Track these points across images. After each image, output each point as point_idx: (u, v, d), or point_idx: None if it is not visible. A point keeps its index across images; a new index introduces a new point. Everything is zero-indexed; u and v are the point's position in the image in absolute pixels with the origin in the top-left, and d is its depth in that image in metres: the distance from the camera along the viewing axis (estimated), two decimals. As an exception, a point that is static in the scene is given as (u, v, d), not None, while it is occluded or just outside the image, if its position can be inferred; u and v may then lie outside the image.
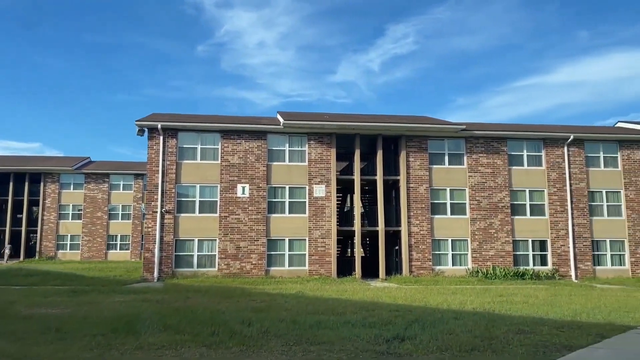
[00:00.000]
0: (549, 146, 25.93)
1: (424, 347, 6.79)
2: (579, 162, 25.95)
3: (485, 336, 7.53)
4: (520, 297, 14.41)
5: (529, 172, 25.75)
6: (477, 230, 24.87)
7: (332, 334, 7.69)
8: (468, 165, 25.39)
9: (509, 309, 11.51)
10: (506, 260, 24.67)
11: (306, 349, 6.71)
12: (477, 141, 25.59)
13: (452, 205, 25.16)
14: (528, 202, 25.62)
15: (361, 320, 9.18)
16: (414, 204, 24.68)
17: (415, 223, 24.51)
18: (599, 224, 25.69)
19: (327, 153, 24.40)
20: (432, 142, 25.44)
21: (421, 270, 24.03)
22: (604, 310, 11.53)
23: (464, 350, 6.57)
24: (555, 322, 9.19)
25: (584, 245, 25.34)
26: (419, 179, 24.92)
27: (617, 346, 6.98)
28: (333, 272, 23.26)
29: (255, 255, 23.11)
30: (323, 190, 23.98)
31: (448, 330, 7.99)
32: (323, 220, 23.80)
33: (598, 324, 9.25)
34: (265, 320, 9.12)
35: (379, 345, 6.98)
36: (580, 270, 25.01)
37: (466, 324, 8.76)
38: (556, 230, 25.32)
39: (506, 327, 8.40)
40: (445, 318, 9.52)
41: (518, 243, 25.20)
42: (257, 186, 23.67)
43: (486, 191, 25.25)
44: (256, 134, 24.08)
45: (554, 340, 7.27)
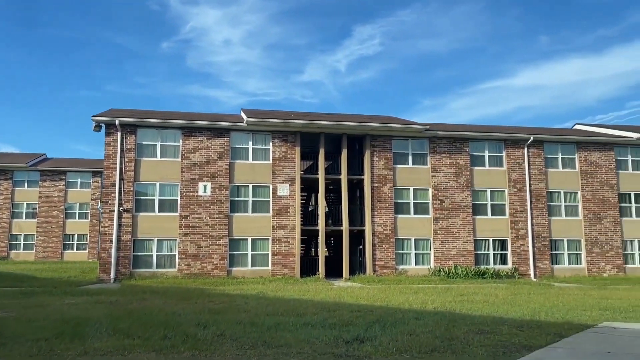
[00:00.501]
0: (510, 147, 26.39)
1: (384, 348, 6.62)
2: (538, 163, 26.51)
3: (445, 337, 7.43)
4: (481, 296, 14.49)
5: (490, 173, 26.14)
6: (440, 230, 25.07)
7: (290, 337, 7.44)
8: (431, 165, 25.57)
9: (470, 308, 11.51)
10: (468, 260, 24.96)
11: (262, 352, 6.44)
12: (440, 142, 25.80)
13: (415, 205, 25.29)
14: (489, 202, 26.00)
15: (321, 322, 8.97)
16: (378, 204, 24.68)
17: (379, 222, 24.51)
18: (557, 224, 26.30)
19: (292, 152, 24.12)
20: (396, 142, 25.52)
21: (385, 269, 24.04)
22: (562, 309, 11.67)
23: (424, 352, 6.43)
24: (515, 321, 9.20)
25: (542, 245, 25.89)
26: (383, 178, 24.94)
27: (575, 345, 6.98)
28: (296, 272, 23.01)
29: (216, 256, 22.62)
30: (287, 189, 23.69)
31: (408, 331, 7.86)
32: (287, 219, 23.51)
33: (556, 323, 9.32)
34: (222, 323, 8.79)
35: (337, 347, 6.78)
36: (539, 269, 25.55)
37: (427, 324, 8.66)
38: (516, 229, 25.78)
39: (467, 327, 8.34)
40: (407, 318, 9.41)
41: (479, 242, 25.54)
42: (219, 185, 23.18)
43: (449, 191, 25.49)
44: (219, 132, 23.59)
45: (514, 340, 7.23)
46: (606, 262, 26.28)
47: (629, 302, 13.68)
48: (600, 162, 27.04)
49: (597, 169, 26.96)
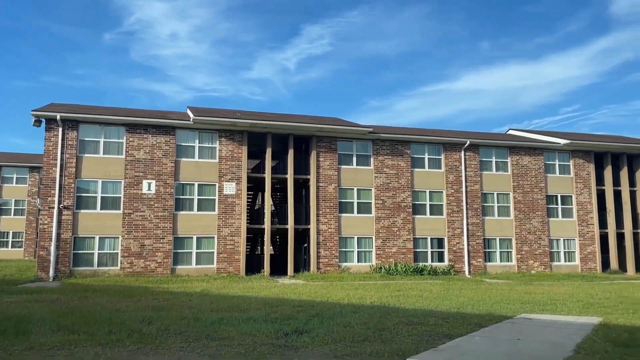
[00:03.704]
0: (448, 150, 27.71)
1: (320, 339, 7.17)
2: (474, 166, 27.97)
3: (377, 327, 8.07)
4: (416, 292, 15.38)
5: (430, 174, 27.35)
6: (382, 229, 26.02)
7: (233, 330, 7.85)
8: (374, 166, 26.47)
9: (404, 302, 12.29)
10: (407, 257, 26.05)
11: (205, 344, 6.82)
12: (384, 144, 26.75)
13: (358, 205, 26.12)
14: (428, 202, 27.21)
15: (263, 316, 9.41)
16: (323, 203, 25.32)
17: (323, 221, 25.15)
18: (490, 224, 27.87)
19: (239, 150, 24.34)
20: (342, 143, 26.24)
21: (328, 267, 24.71)
22: (487, 303, 12.65)
23: (357, 341, 7.02)
24: (442, 313, 10.00)
25: (476, 243, 27.38)
26: (329, 178, 25.60)
27: (491, 334, 7.79)
28: (242, 270, 23.27)
29: (160, 254, 22.53)
30: (233, 187, 23.90)
31: (345, 323, 8.45)
32: (233, 218, 23.72)
33: (480, 314, 10.19)
34: (166, 319, 9.07)
35: (278, 339, 7.25)
36: (473, 266, 27.01)
37: (362, 317, 9.30)
38: (452, 228, 27.13)
39: (398, 319, 9.04)
40: (344, 312, 10.01)
41: (418, 241, 26.70)
42: (164, 182, 23.08)
43: (390, 191, 26.48)
44: (164, 129, 23.46)
45: (438, 330, 7.97)
46: (534, 259, 28.11)
47: (549, 296, 14.93)
48: (531, 166, 28.86)
49: (528, 172, 28.76)
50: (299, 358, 6.04)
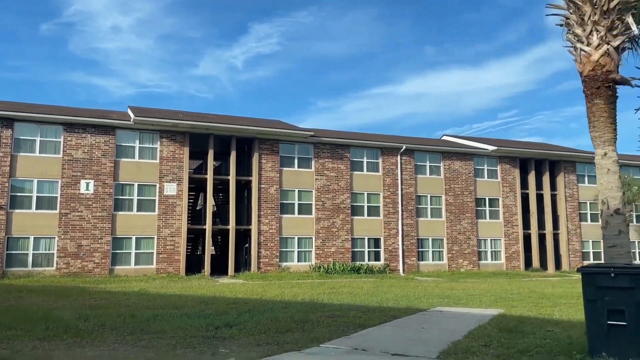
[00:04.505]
0: (385, 154, 29.01)
1: (247, 331, 7.86)
2: (409, 170, 29.43)
3: (302, 320, 8.86)
4: (348, 289, 16.32)
5: (368, 177, 28.56)
6: (321, 229, 26.94)
7: (166, 325, 8.40)
8: (315, 168, 27.36)
9: (335, 298, 13.16)
10: (345, 257, 27.11)
11: (139, 337, 7.36)
12: (324, 147, 27.69)
13: (299, 206, 26.93)
14: (366, 204, 28.41)
15: (198, 313, 9.98)
16: (264, 204, 25.93)
17: (265, 222, 25.77)
18: (424, 224, 29.42)
19: (180, 151, 24.55)
20: (284, 146, 26.96)
21: (269, 266, 25.36)
22: (410, 298, 13.73)
23: (280, 332, 7.77)
24: (364, 308, 10.93)
25: (410, 243, 28.83)
26: (270, 180, 26.24)
27: (401, 323, 8.76)
28: (182, 270, 23.52)
29: (98, 254, 22.43)
30: (174, 188, 24.09)
31: (273, 317, 9.18)
32: (173, 218, 23.92)
33: (399, 308, 11.19)
34: (102, 316, 9.46)
35: (208, 331, 7.88)
36: (407, 264, 28.43)
37: (291, 312, 10.06)
38: (388, 229, 28.45)
39: (322, 312, 9.87)
40: (275, 308, 10.74)
41: (356, 241, 27.83)
42: (103, 182, 22.97)
43: (330, 193, 27.46)
44: (104, 129, 23.35)
45: (356, 321, 8.85)
46: (464, 258, 29.90)
47: (468, 292, 16.25)
48: (462, 170, 30.66)
49: (459, 176, 30.54)
50: (224, 347, 6.71)
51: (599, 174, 6.45)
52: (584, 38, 6.52)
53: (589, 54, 6.42)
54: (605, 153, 6.35)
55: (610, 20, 6.34)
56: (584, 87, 6.49)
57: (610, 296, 5.51)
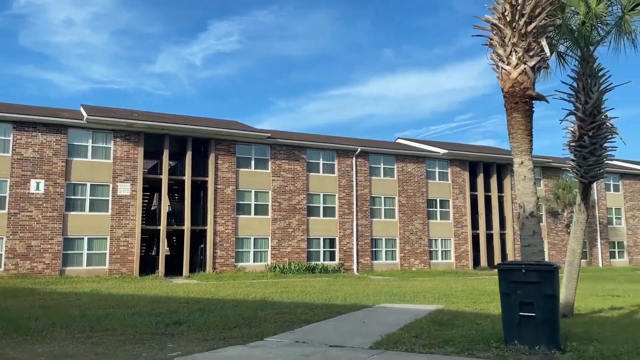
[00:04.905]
0: (341, 156, 29.68)
1: (196, 327, 8.21)
2: (364, 172, 30.20)
3: (250, 317, 9.26)
4: (301, 288, 16.79)
5: (324, 179, 29.14)
6: (277, 229, 27.33)
7: (117, 323, 8.63)
8: (272, 169, 27.72)
9: (286, 297, 13.60)
10: (301, 257, 27.59)
11: (89, 335, 7.58)
12: (281, 148, 28.09)
13: (256, 206, 27.23)
14: (322, 205, 28.99)
15: (149, 312, 10.22)
16: (220, 204, 26.09)
17: (221, 222, 25.93)
18: (378, 225, 30.26)
19: (135, 151, 24.41)
20: (240, 147, 27.19)
21: (224, 267, 25.54)
22: (359, 296, 14.31)
23: (228, 328, 8.15)
24: (312, 305, 11.42)
25: (365, 243, 29.61)
26: (227, 180, 26.43)
27: (344, 319, 9.29)
28: (135, 270, 23.41)
29: (49, 255, 22.07)
30: (128, 188, 23.94)
31: (223, 315, 9.54)
32: (127, 218, 23.77)
33: (346, 305, 11.74)
34: (53, 316, 9.57)
35: (158, 329, 8.17)
36: (361, 264, 29.18)
37: (241, 310, 10.44)
38: (343, 229, 29.12)
39: (271, 310, 10.30)
40: (226, 306, 11.09)
41: (312, 241, 28.36)
42: (54, 182, 22.60)
43: (287, 194, 27.88)
44: (55, 127, 22.97)
45: (302, 317, 9.32)
46: (415, 257, 30.92)
47: (415, 290, 16.99)
48: (414, 173, 31.68)
49: (411, 178, 31.55)
50: (172, 342, 7.04)
51: (517, 181, 7.15)
52: (504, 58, 7.22)
53: (509, 72, 7.11)
54: (522, 162, 7.06)
55: (527, 42, 7.06)
56: (505, 102, 7.19)
57: (522, 290, 6.19)
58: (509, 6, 7.04)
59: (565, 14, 9.86)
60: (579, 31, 9.94)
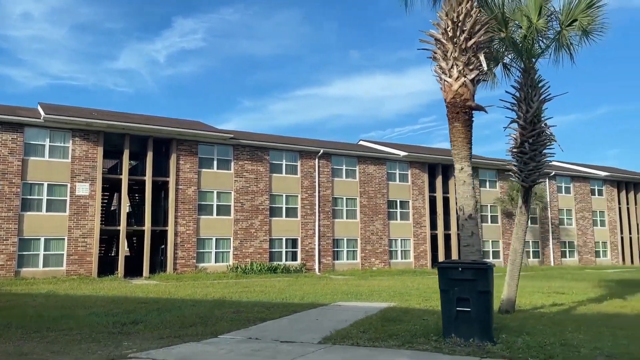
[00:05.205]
0: (304, 158, 30.04)
1: (152, 326, 8.40)
2: (326, 173, 30.65)
3: (207, 316, 9.50)
4: (261, 288, 17.06)
5: (287, 179, 29.43)
6: (240, 230, 27.46)
7: (73, 323, 8.72)
8: (235, 170, 27.83)
9: (245, 297, 13.84)
10: (263, 257, 27.80)
11: (45, 335, 7.68)
12: (244, 149, 28.23)
13: (218, 207, 27.28)
14: (284, 206, 29.28)
15: (106, 312, 10.30)
16: (182, 205, 26.03)
17: (182, 223, 25.88)
18: (339, 225, 30.76)
19: (94, 151, 24.11)
20: (203, 147, 27.18)
21: (185, 267, 25.51)
22: (317, 295, 14.69)
23: (184, 327, 8.38)
24: (270, 304, 11.72)
25: (326, 243, 30.05)
26: (189, 181, 26.39)
27: (299, 317, 9.65)
28: (94, 271, 23.14)
29: (3, 256, 21.59)
30: (87, 188, 23.64)
31: (180, 314, 9.74)
32: (85, 219, 23.46)
33: (303, 304, 12.09)
34: (8, 317, 9.55)
35: (115, 328, 8.32)
36: (323, 264, 29.61)
37: (198, 309, 10.65)
38: (306, 230, 29.49)
39: (228, 309, 10.55)
40: (184, 306, 11.27)
41: (274, 241, 28.60)
42: (9, 182, 22.12)
43: (249, 195, 28.04)
44: (11, 126, 22.48)
45: (258, 315, 9.62)
46: (376, 257, 31.57)
47: (373, 288, 17.50)
48: (375, 174, 32.34)
49: (373, 180, 32.20)
50: (128, 340, 7.23)
51: (457, 185, 7.67)
52: (447, 70, 7.73)
53: (451, 84, 7.63)
54: (462, 168, 7.59)
55: (467, 56, 7.59)
56: (447, 112, 7.70)
57: (459, 287, 6.68)
58: (451, 23, 7.56)
59: (509, 28, 10.50)
60: (522, 44, 10.59)
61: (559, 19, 10.33)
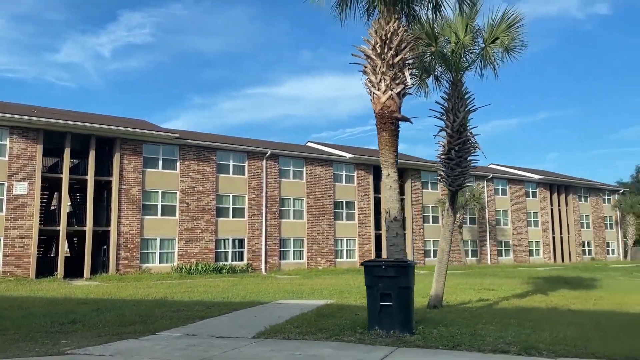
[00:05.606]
0: (251, 158, 30.29)
1: (92, 325, 8.56)
2: (274, 174, 31.03)
3: (147, 315, 9.72)
4: (204, 288, 17.25)
5: (234, 180, 29.60)
6: (185, 230, 27.39)
7: (9, 324, 8.73)
8: (180, 170, 27.73)
9: (187, 296, 14.04)
10: (209, 257, 27.85)
11: (-22, 336, 7.72)
12: (190, 149, 28.17)
13: (163, 207, 27.11)
14: (231, 206, 29.43)
15: (45, 312, 10.30)
16: (125, 205, 25.71)
17: (125, 223, 25.56)
18: (286, 225, 31.20)
19: (33, 149, 23.48)
20: (148, 147, 26.93)
21: (128, 268, 25.22)
22: (260, 294, 15.07)
23: (123, 325, 8.59)
24: (211, 303, 12.02)
25: (273, 243, 30.43)
26: (132, 180, 26.09)
27: (238, 314, 10.03)
28: (32, 273, 22.55)
29: None
30: (25, 187, 22.99)
31: (120, 314, 9.90)
32: (23, 219, 22.82)
33: (244, 302, 12.45)
34: (-62, 320, 9.41)
35: (53, 328, 8.41)
36: (269, 264, 29.97)
37: (139, 308, 10.82)
38: (252, 230, 29.75)
39: (169, 308, 10.78)
40: (125, 306, 11.39)
41: (220, 241, 28.70)
42: (-60, 180, 21.22)
43: (195, 195, 28.02)
44: (-57, 122, 21.57)
45: (198, 314, 9.93)
46: (322, 257, 32.23)
47: (315, 287, 18.04)
48: (322, 175, 33.00)
49: (319, 181, 32.85)
50: (66, 339, 7.40)
51: (383, 189, 8.30)
52: (375, 84, 8.35)
53: (379, 97, 8.25)
54: (389, 174, 8.23)
55: (394, 72, 8.24)
56: (376, 122, 8.32)
57: (382, 283, 7.29)
58: (380, 40, 8.18)
59: (439, 43, 11.29)
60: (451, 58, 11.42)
61: (483, 37, 11.22)
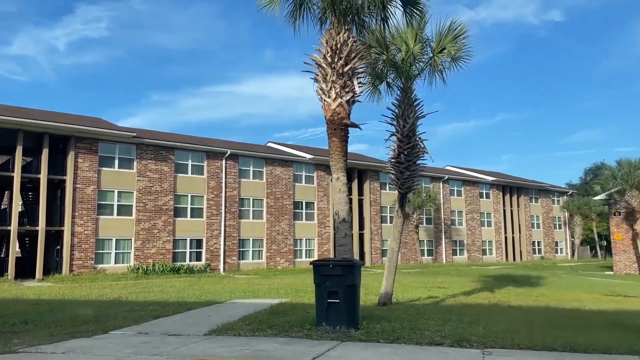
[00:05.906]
0: (211, 158, 30.26)
1: (44, 325, 8.58)
2: (233, 174, 31.09)
3: (100, 315, 9.78)
4: (160, 288, 17.25)
5: (192, 180, 29.49)
6: (142, 230, 27.13)
7: (-43, 326, 8.66)
8: (137, 170, 27.45)
9: (142, 297, 14.08)
10: (166, 257, 27.69)
11: None
12: (148, 148, 27.91)
13: (119, 207, 26.78)
14: (189, 206, 29.32)
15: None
16: (80, 204, 25.28)
17: (79, 223, 25.13)
18: (246, 225, 31.32)
19: (-18, 147, 22.78)
20: (104, 145, 26.55)
21: (82, 268, 24.81)
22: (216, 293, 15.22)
23: (76, 325, 8.64)
24: (165, 303, 12.13)
25: (232, 243, 30.49)
26: (87, 180, 25.67)
27: (191, 314, 10.22)
28: (-20, 274, 21.88)
29: None
30: (-27, 186, 22.29)
31: (72, 314, 9.92)
32: (-29, 218, 22.12)
33: (199, 302, 12.61)
34: None
35: (4, 328, 8.39)
36: (228, 264, 30.01)
37: (92, 308, 10.84)
38: (211, 230, 29.73)
39: (123, 308, 10.85)
40: (79, 306, 11.38)
41: (178, 242, 28.56)
42: None
43: (153, 195, 27.78)
44: None
45: (152, 313, 10.05)
46: (281, 257, 32.49)
47: (272, 286, 18.29)
48: (282, 176, 33.27)
49: (279, 181, 33.10)
50: (18, 338, 7.43)
51: (333, 192, 8.68)
52: (326, 91, 8.73)
53: (330, 104, 8.64)
54: (338, 177, 8.62)
55: (343, 80, 8.64)
56: (327, 128, 8.70)
57: (330, 281, 7.67)
58: (330, 50, 8.56)
59: (390, 51, 11.79)
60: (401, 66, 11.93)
61: (431, 47, 11.78)
